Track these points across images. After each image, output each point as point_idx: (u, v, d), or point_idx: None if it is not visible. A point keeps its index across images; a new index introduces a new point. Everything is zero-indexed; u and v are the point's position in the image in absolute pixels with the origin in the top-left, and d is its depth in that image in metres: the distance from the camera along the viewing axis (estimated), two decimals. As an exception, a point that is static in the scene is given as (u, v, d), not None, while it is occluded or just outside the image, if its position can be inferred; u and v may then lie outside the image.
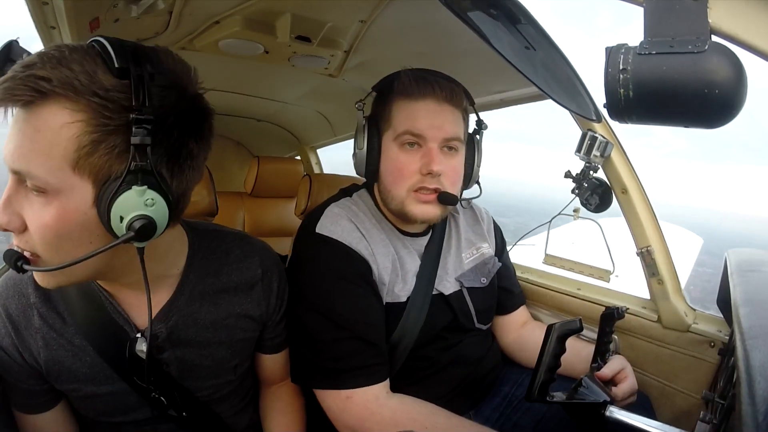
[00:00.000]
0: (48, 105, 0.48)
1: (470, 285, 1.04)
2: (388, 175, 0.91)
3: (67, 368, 0.66)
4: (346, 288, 0.88)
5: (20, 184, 0.52)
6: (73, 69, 0.48)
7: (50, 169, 0.49)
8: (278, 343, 0.87)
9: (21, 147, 0.49)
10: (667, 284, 1.07)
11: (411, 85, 0.88)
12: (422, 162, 0.87)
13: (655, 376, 1.09)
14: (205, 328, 0.72)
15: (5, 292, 0.65)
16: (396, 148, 0.89)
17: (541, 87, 0.73)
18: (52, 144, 0.49)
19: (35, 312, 0.65)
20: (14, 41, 0.84)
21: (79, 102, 0.49)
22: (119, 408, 0.70)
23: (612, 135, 1.09)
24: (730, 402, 0.61)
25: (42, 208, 0.51)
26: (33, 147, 0.49)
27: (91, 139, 0.49)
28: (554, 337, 0.72)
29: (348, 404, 0.84)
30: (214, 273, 0.73)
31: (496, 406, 1.05)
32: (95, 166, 0.50)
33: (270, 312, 0.80)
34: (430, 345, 0.98)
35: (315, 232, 0.92)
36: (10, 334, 0.64)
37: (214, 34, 1.16)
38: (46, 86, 0.47)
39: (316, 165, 2.62)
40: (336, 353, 0.85)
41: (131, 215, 0.50)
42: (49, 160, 0.49)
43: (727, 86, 0.40)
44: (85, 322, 0.65)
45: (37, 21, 0.88)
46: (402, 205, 0.90)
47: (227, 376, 0.78)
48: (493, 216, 1.21)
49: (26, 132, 0.49)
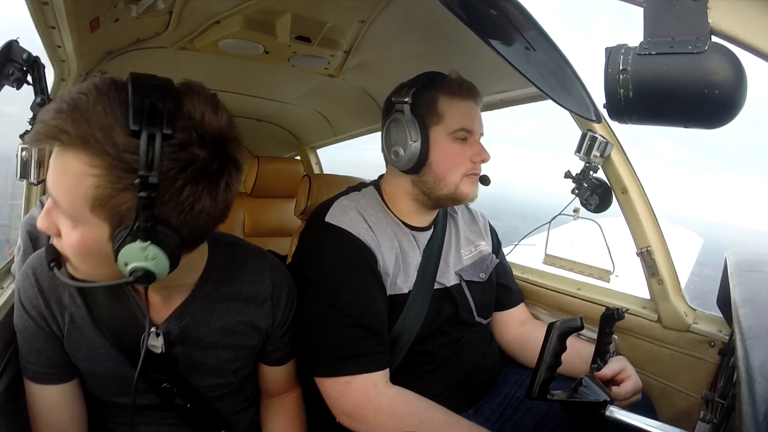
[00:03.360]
0: (71, 153, 0.53)
1: (469, 279, 1.07)
2: (442, 164, 0.97)
3: (85, 347, 0.71)
4: (352, 276, 0.90)
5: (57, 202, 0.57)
6: (92, 124, 0.51)
7: (73, 205, 0.55)
8: (280, 357, 0.88)
9: (54, 179, 0.55)
10: (667, 284, 1.07)
11: (461, 86, 0.98)
12: (473, 151, 0.98)
13: (656, 376, 1.09)
14: (214, 331, 0.76)
15: (39, 266, 0.71)
16: (449, 141, 0.97)
17: (541, 87, 0.73)
18: (74, 186, 0.54)
19: (66, 291, 0.71)
20: (14, 41, 0.84)
21: (95, 157, 0.52)
22: (127, 390, 0.72)
23: (612, 135, 1.09)
24: (731, 402, 0.61)
25: (69, 230, 0.57)
26: (61, 183, 0.55)
27: (105, 193, 0.53)
28: (555, 335, 0.72)
29: (347, 389, 0.85)
30: (228, 282, 0.77)
31: (497, 407, 1.05)
32: (109, 213, 0.55)
33: (275, 326, 0.83)
34: (431, 339, 0.99)
35: (324, 221, 0.95)
36: (41, 305, 0.70)
37: (214, 34, 1.16)
38: (65, 139, 0.52)
39: (315, 165, 2.62)
40: (339, 340, 0.87)
41: (132, 265, 0.55)
42: (72, 197, 0.54)
43: (726, 86, 0.40)
44: (107, 310, 0.71)
45: (37, 21, 0.88)
46: (456, 189, 0.98)
47: (228, 377, 0.80)
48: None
49: (57, 169, 0.55)
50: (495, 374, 1.11)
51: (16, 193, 1.31)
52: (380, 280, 0.94)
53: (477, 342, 1.08)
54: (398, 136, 0.97)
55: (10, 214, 2.67)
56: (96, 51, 1.09)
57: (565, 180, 1.19)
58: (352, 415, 0.85)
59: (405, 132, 0.95)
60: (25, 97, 0.89)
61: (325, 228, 0.94)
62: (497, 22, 0.61)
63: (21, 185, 1.08)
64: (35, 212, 0.95)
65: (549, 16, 22.59)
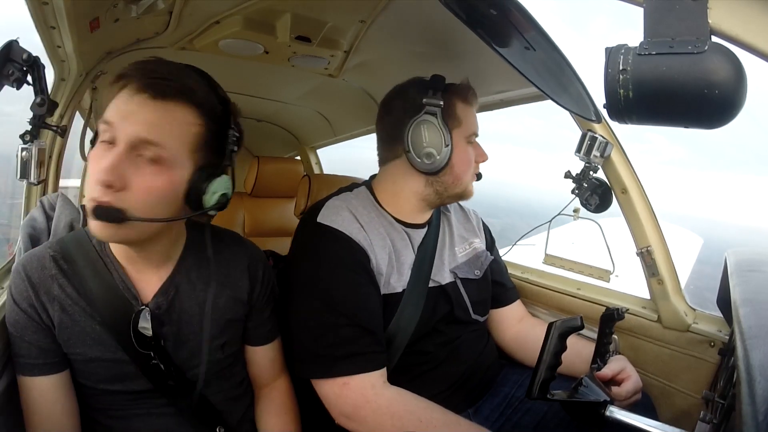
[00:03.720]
0: (184, 105, 0.69)
1: (464, 276, 1.07)
2: (461, 165, 1.02)
3: (77, 333, 0.74)
4: (346, 276, 0.90)
5: (131, 152, 0.66)
6: (202, 89, 0.71)
7: (178, 147, 0.68)
8: (264, 334, 0.91)
9: (158, 125, 0.66)
10: (667, 284, 1.07)
11: (473, 94, 1.05)
12: (477, 153, 1.06)
13: (656, 376, 1.09)
14: (198, 304, 0.81)
15: (29, 263, 0.75)
16: (465, 144, 1.03)
17: (541, 87, 0.73)
18: (183, 131, 0.69)
19: (55, 282, 0.75)
20: (14, 41, 0.84)
21: (203, 113, 0.71)
22: (118, 376, 0.76)
23: (612, 135, 1.09)
24: (730, 402, 0.61)
25: (153, 176, 0.67)
26: (169, 128, 0.67)
27: (206, 139, 0.71)
28: (555, 335, 0.72)
29: (344, 390, 0.85)
30: (207, 257, 0.81)
31: (496, 406, 1.05)
32: (202, 156, 0.71)
33: (255, 297, 0.87)
34: (427, 339, 0.99)
35: (316, 222, 0.96)
36: (31, 297, 0.73)
37: (214, 34, 1.16)
38: (190, 95, 0.69)
39: (315, 165, 2.62)
40: (334, 340, 0.87)
41: (221, 192, 0.72)
42: (178, 140, 0.68)
43: (726, 86, 0.40)
44: (96, 295, 0.75)
45: (37, 21, 0.88)
46: (466, 188, 1.05)
47: (216, 354, 0.82)
48: (481, 217, 1.26)
49: (164, 116, 0.67)
50: (494, 373, 1.11)
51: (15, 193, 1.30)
52: (374, 279, 0.94)
53: (474, 341, 1.08)
54: (431, 138, 0.97)
55: (10, 213, 2.67)
56: (96, 51, 1.09)
57: (562, 179, 1.19)
58: (350, 417, 0.85)
59: (439, 135, 0.97)
60: (24, 96, 0.89)
61: (318, 228, 0.95)
62: (497, 22, 0.61)
63: (20, 185, 1.08)
64: (35, 213, 0.95)
65: (547, 14, 22.67)
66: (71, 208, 0.96)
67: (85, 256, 0.77)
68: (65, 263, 0.76)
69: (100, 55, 1.12)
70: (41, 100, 0.90)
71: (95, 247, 0.78)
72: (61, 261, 0.76)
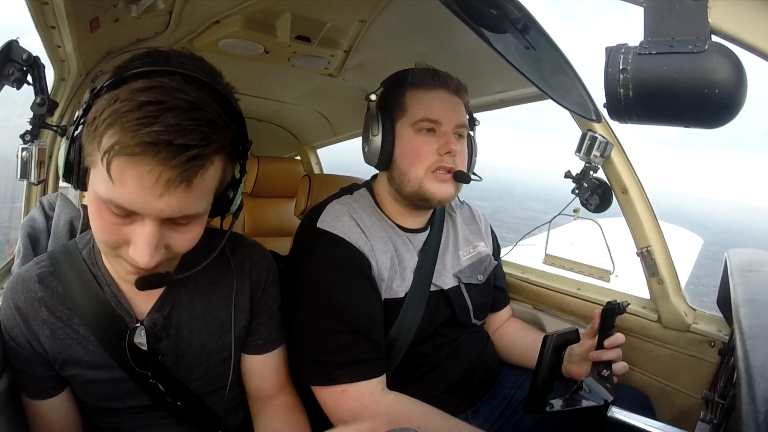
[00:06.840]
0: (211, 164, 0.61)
1: (467, 281, 1.06)
2: (404, 158, 0.94)
3: (71, 356, 0.72)
4: (346, 282, 0.89)
5: (164, 224, 0.61)
6: (220, 121, 0.60)
7: (208, 201, 0.64)
8: (263, 343, 0.85)
9: (188, 199, 0.59)
10: (667, 284, 1.07)
11: (425, 76, 0.94)
12: (439, 143, 0.92)
13: (655, 376, 1.09)
14: (196, 317, 0.77)
15: (14, 288, 0.72)
16: (412, 133, 0.94)
17: (541, 87, 0.73)
18: (210, 186, 0.63)
19: (43, 306, 0.71)
20: (14, 41, 0.84)
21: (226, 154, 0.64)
22: (117, 394, 0.74)
23: (612, 135, 1.09)
24: (730, 402, 0.61)
25: (190, 229, 0.64)
26: (198, 194, 0.61)
27: (224, 169, 0.65)
28: (550, 348, 0.72)
29: (342, 398, 0.85)
30: (205, 266, 0.75)
31: (495, 408, 1.05)
32: (222, 184, 0.67)
33: (256, 303, 0.83)
34: (427, 341, 0.99)
35: (316, 227, 0.94)
36: (20, 324, 0.70)
37: (214, 34, 1.16)
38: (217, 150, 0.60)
39: (315, 165, 2.62)
40: (333, 346, 0.86)
41: (238, 203, 0.71)
42: (208, 196, 0.64)
43: (727, 86, 0.40)
44: (88, 313, 0.72)
45: (37, 21, 0.88)
46: (420, 186, 0.93)
47: (217, 368, 0.80)
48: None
49: (195, 184, 0.59)
50: (493, 375, 1.11)
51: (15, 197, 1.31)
52: (374, 285, 0.92)
53: (474, 343, 1.07)
54: (365, 132, 0.98)
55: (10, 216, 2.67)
56: (96, 51, 1.09)
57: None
58: (348, 424, 0.84)
59: (368, 127, 0.97)
60: (17, 99, 0.89)
61: (318, 234, 0.93)
62: (497, 21, 0.60)
63: (19, 189, 1.08)
64: (35, 213, 0.95)
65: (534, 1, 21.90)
66: (71, 208, 0.96)
67: (76, 272, 0.73)
68: (54, 281, 0.72)
69: (100, 55, 1.12)
70: (41, 100, 0.89)
71: (86, 260, 0.74)
72: (49, 279, 0.72)
